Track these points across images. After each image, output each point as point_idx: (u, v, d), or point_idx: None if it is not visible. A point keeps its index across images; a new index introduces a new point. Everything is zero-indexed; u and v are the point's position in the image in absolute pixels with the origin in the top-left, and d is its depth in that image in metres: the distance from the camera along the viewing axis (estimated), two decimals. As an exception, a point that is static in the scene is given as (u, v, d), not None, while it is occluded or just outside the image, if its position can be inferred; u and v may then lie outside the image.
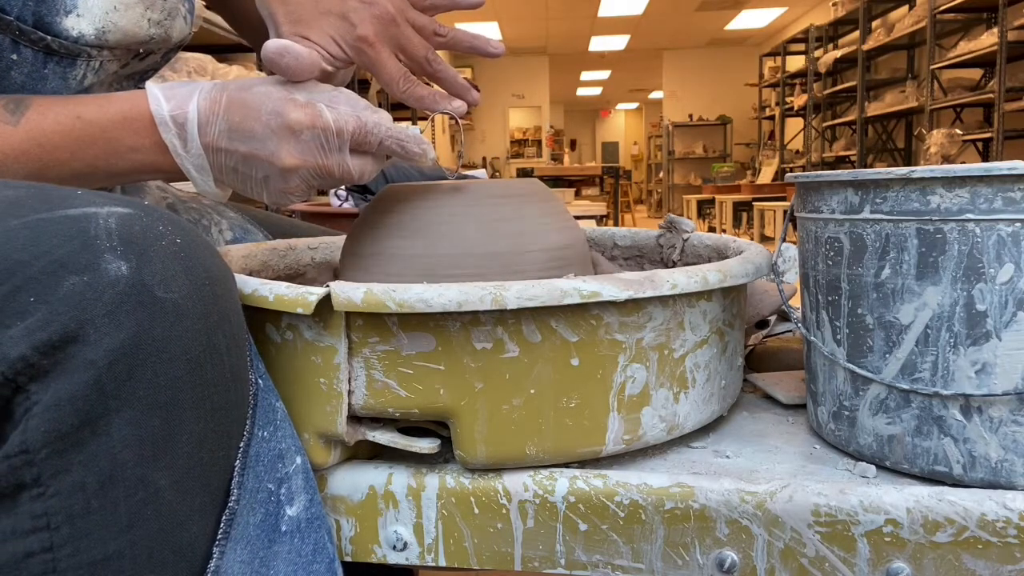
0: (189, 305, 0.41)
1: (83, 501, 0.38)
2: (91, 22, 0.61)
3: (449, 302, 0.48)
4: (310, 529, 0.50)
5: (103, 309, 0.38)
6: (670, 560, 0.52)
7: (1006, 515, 0.48)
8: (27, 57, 0.59)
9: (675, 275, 0.52)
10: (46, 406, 0.37)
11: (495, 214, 0.64)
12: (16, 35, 0.58)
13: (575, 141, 18.60)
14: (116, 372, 0.38)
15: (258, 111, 0.57)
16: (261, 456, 0.48)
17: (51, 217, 0.40)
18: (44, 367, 0.37)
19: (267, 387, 0.51)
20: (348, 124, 0.57)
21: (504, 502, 0.53)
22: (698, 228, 1.01)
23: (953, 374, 0.50)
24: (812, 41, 8.23)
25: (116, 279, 0.39)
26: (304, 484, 0.51)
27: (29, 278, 0.37)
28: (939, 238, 0.49)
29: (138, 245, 0.40)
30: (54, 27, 0.59)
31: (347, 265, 0.67)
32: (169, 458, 0.40)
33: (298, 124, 0.56)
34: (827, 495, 0.50)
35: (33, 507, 0.37)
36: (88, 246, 0.39)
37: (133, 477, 0.39)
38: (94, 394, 0.37)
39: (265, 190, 0.59)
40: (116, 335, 0.38)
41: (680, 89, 12.18)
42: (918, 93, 6.09)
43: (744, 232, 7.85)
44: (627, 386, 0.53)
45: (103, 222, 0.40)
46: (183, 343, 0.41)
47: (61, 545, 0.38)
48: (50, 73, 0.61)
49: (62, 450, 0.37)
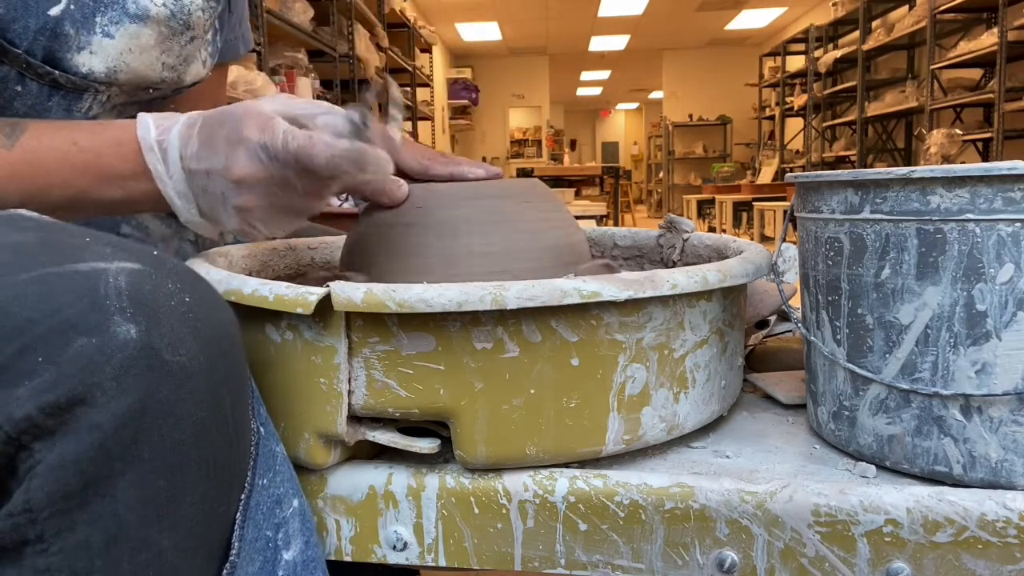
0: (195, 367, 0.41)
1: (87, 560, 0.38)
2: (103, 61, 0.61)
3: (449, 302, 0.48)
4: (306, 572, 0.50)
5: (111, 373, 0.38)
6: (670, 560, 0.52)
7: (1006, 515, 0.48)
8: (32, 90, 0.59)
9: (675, 275, 0.52)
10: (50, 466, 0.36)
11: (495, 214, 0.64)
12: (23, 68, 0.57)
13: (575, 141, 18.59)
14: (122, 435, 0.38)
15: (222, 127, 0.56)
16: (260, 504, 0.48)
17: (60, 272, 0.39)
18: (50, 427, 0.36)
19: (268, 432, 0.51)
20: (297, 139, 0.54)
21: (504, 502, 0.53)
22: (698, 228, 1.01)
23: (953, 374, 0.50)
24: (812, 41, 8.23)
25: (125, 343, 0.38)
26: (301, 527, 0.51)
27: (38, 337, 0.37)
28: (939, 238, 0.49)
29: (148, 307, 0.40)
30: (64, 62, 0.59)
31: (348, 266, 0.67)
32: (173, 519, 0.41)
33: (248, 135, 0.54)
34: (827, 495, 0.50)
35: (36, 562, 0.37)
36: (97, 306, 0.38)
37: (137, 538, 0.39)
38: (99, 456, 0.37)
39: (225, 210, 0.57)
40: (123, 399, 0.38)
41: (680, 89, 12.19)
42: (918, 93, 6.09)
43: (744, 232, 7.85)
44: (627, 386, 0.53)
45: (112, 280, 0.40)
46: (189, 406, 0.41)
47: None
48: (54, 105, 0.61)
49: (66, 510, 0.37)
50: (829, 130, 8.29)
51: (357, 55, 4.81)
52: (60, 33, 0.58)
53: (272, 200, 0.56)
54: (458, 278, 0.60)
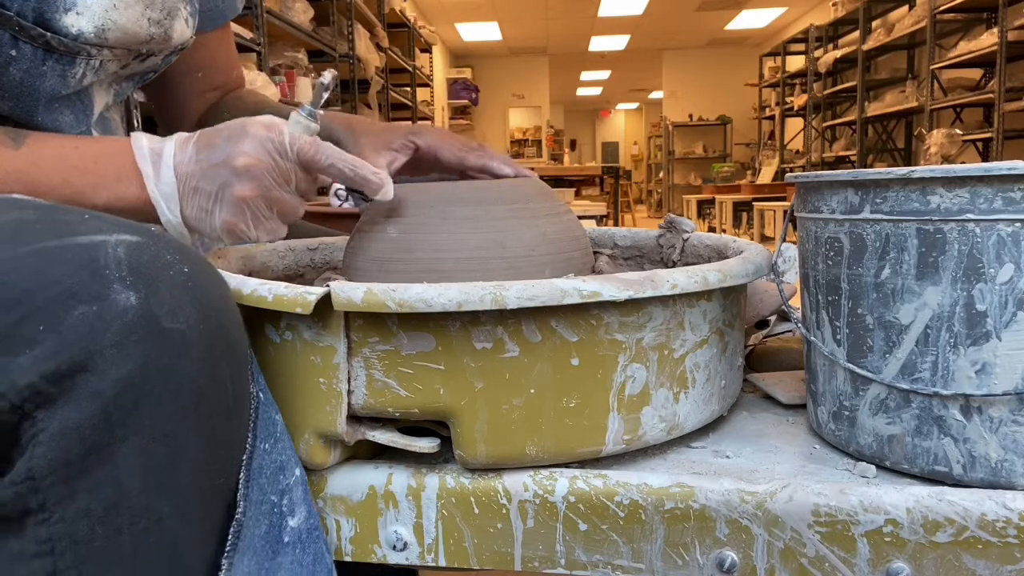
0: (195, 335, 0.42)
1: (87, 528, 0.38)
2: (90, 20, 0.62)
3: (449, 302, 0.48)
4: (310, 540, 0.51)
5: (111, 339, 0.38)
6: (670, 560, 0.52)
7: (1006, 515, 0.48)
8: (26, 53, 0.60)
9: (675, 275, 0.52)
10: (52, 434, 0.37)
11: (496, 213, 0.64)
12: (16, 31, 0.58)
13: (575, 141, 18.59)
14: (123, 402, 0.38)
15: (220, 132, 0.60)
16: (264, 468, 0.48)
17: (60, 245, 0.40)
18: (51, 395, 0.37)
19: (267, 400, 0.51)
20: (302, 139, 0.59)
21: (504, 502, 0.53)
22: (698, 228, 1.01)
23: (953, 374, 0.50)
24: (812, 41, 8.23)
25: (125, 309, 0.39)
26: (303, 496, 0.52)
27: (38, 307, 0.37)
28: (939, 238, 0.49)
29: (146, 275, 0.41)
30: (54, 24, 0.60)
31: (349, 265, 0.67)
32: (172, 486, 0.41)
33: (255, 131, 0.59)
34: (827, 495, 0.50)
35: (38, 532, 0.38)
36: (97, 276, 0.39)
37: (137, 505, 0.39)
38: (100, 423, 0.38)
39: (220, 204, 0.59)
40: (124, 365, 0.38)
41: (680, 89, 12.18)
42: (918, 93, 6.09)
43: (744, 232, 7.85)
44: (627, 386, 0.53)
45: (112, 251, 0.40)
46: (189, 373, 0.41)
47: (64, 570, 0.38)
48: (48, 70, 0.62)
49: (67, 478, 0.37)
50: (829, 130, 8.29)
51: (357, 55, 4.81)
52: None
53: (269, 193, 0.59)
54: (458, 278, 0.60)
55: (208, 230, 0.60)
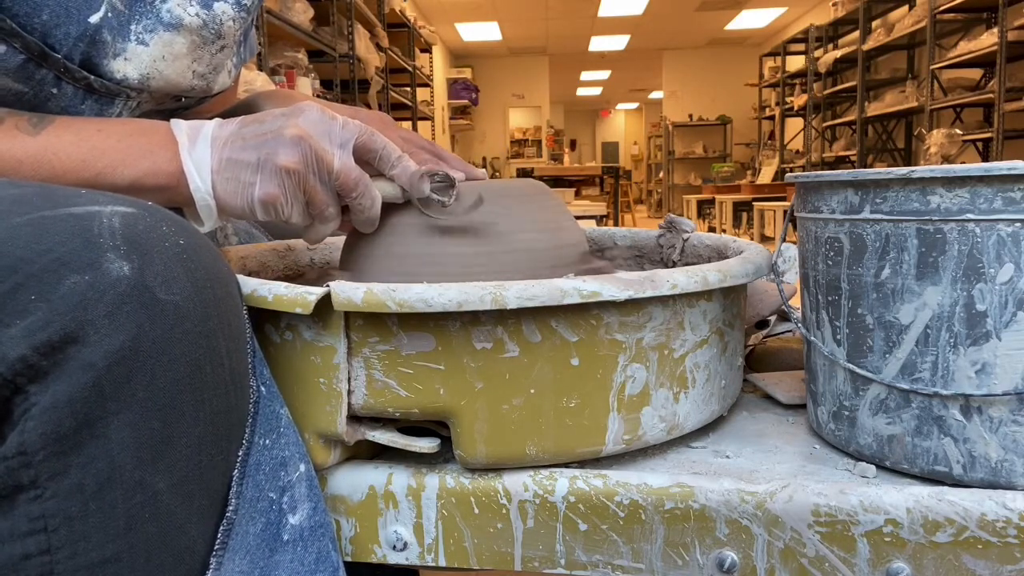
0: (190, 307, 0.41)
1: (81, 503, 0.38)
2: (137, 67, 0.62)
3: (449, 302, 0.48)
4: (313, 537, 0.50)
5: (104, 310, 0.38)
6: (670, 560, 0.52)
7: (1006, 515, 0.48)
8: (67, 92, 0.60)
9: (675, 275, 0.52)
10: (44, 408, 0.36)
11: (495, 213, 0.64)
12: (61, 72, 0.58)
13: (575, 141, 18.59)
14: (115, 374, 0.38)
15: (280, 110, 0.58)
16: (262, 464, 0.47)
17: (54, 215, 0.39)
18: (43, 368, 0.36)
19: (271, 394, 0.50)
20: (354, 125, 0.58)
21: (504, 502, 0.53)
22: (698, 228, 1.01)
23: (953, 374, 0.50)
24: (812, 41, 8.23)
25: (118, 279, 0.38)
26: (308, 492, 0.51)
27: (30, 275, 0.37)
28: (939, 238, 0.49)
29: (141, 245, 0.40)
30: (100, 68, 0.60)
31: (349, 265, 0.67)
32: (168, 461, 0.40)
33: (309, 108, 0.57)
34: (827, 495, 0.50)
35: (30, 509, 0.37)
36: (91, 244, 0.39)
37: (131, 480, 0.39)
38: (93, 396, 0.37)
39: (261, 174, 0.56)
40: (116, 336, 0.38)
41: (680, 89, 12.18)
42: (918, 93, 6.09)
43: (744, 232, 7.85)
44: (627, 386, 0.53)
45: (107, 221, 0.40)
46: (183, 345, 0.40)
47: (59, 547, 0.37)
48: (87, 109, 0.62)
49: (60, 452, 0.37)
50: (829, 130, 8.29)
51: (357, 55, 4.81)
52: (98, 40, 0.59)
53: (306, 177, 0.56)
54: (458, 278, 0.60)
55: (241, 204, 0.57)
